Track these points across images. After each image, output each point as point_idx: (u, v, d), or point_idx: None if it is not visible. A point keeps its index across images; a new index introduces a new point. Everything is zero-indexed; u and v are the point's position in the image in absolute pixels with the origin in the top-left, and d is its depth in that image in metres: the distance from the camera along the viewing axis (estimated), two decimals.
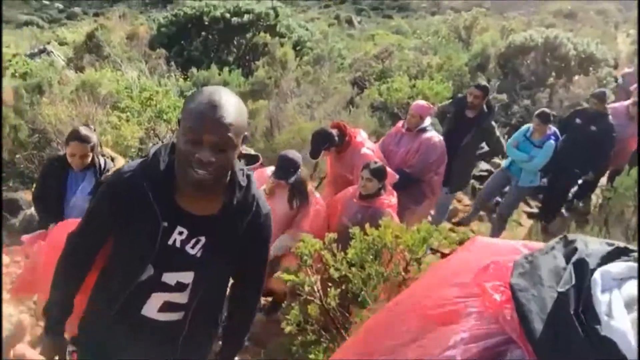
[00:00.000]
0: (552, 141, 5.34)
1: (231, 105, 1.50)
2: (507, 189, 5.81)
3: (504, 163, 5.81)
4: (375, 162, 3.71)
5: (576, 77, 10.16)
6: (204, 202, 1.64)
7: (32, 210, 4.67)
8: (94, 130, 3.40)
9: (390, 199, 3.70)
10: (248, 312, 1.98)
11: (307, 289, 2.86)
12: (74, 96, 6.40)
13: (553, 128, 5.48)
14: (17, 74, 7.82)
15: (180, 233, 1.65)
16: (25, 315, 3.73)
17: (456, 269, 1.24)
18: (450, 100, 6.14)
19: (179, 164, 1.56)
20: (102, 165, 3.26)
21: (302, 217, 3.64)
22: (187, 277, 1.71)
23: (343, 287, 2.88)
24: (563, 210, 6.56)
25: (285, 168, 3.58)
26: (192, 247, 1.67)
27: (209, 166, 1.50)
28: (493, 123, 5.33)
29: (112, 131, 5.94)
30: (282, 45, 8.47)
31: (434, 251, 4.95)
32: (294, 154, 3.72)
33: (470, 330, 1.04)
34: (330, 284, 2.87)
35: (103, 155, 3.36)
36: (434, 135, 4.66)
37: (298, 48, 11.57)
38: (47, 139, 6.02)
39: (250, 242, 1.75)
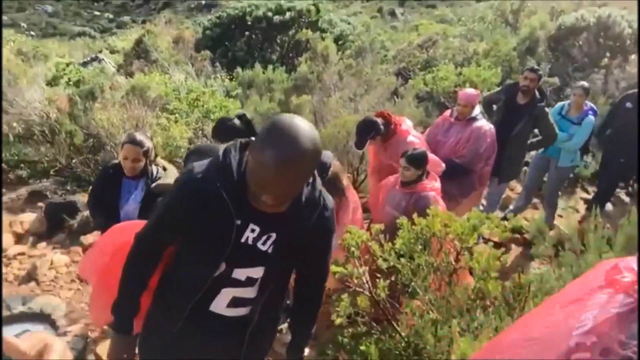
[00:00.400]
0: (591, 116, 5.12)
1: (300, 167, 1.48)
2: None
3: None
4: (414, 149, 3.65)
5: (632, 57, 9.65)
6: None
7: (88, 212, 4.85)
8: (150, 138, 3.44)
9: (432, 183, 3.64)
10: (316, 303, 2.04)
11: (355, 280, 2.84)
12: (125, 100, 6.60)
13: (589, 103, 5.26)
14: (71, 82, 8.14)
15: (253, 230, 1.69)
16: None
17: (582, 283, 1.30)
18: (499, 89, 5.92)
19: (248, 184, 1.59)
20: (154, 174, 3.29)
21: (342, 212, 3.58)
22: (257, 272, 1.76)
23: (392, 278, 2.84)
24: (624, 196, 6.26)
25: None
26: (263, 244, 1.72)
27: (274, 208, 1.62)
28: (546, 109, 5.11)
29: (162, 132, 6.09)
30: (323, 39, 8.44)
31: (486, 240, 4.85)
32: (323, 154, 3.62)
33: (602, 306, 1.11)
34: (379, 275, 2.84)
35: (156, 165, 3.38)
36: (484, 124, 4.53)
37: (340, 42, 11.54)
38: (100, 143, 6.23)
39: (317, 236, 1.80)
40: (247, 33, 12.44)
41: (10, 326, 3.67)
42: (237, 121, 3.19)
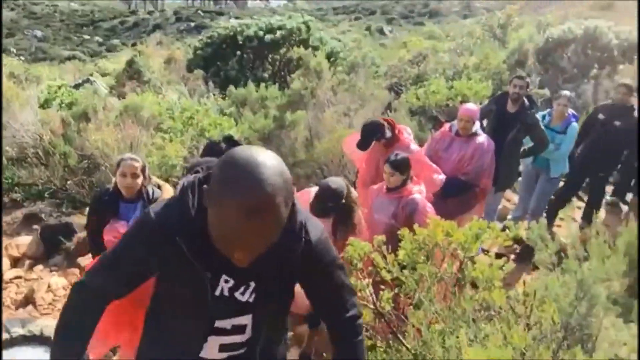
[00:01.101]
0: (574, 123, 5.23)
1: (274, 211, 1.20)
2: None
3: (527, 159, 5.60)
4: (397, 155, 3.65)
5: (621, 67, 9.81)
6: None
7: (85, 233, 4.79)
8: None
9: (416, 186, 3.67)
10: (356, 336, 1.71)
11: (359, 293, 2.81)
12: (119, 121, 6.58)
13: (570, 110, 5.34)
14: (63, 104, 8.12)
15: (227, 281, 1.48)
16: None
17: None
18: (489, 100, 5.98)
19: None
20: (150, 195, 3.23)
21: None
22: (243, 320, 1.56)
23: (396, 290, 2.82)
24: (622, 205, 6.28)
25: (324, 201, 3.20)
26: (242, 294, 1.51)
27: (249, 262, 1.34)
28: (537, 116, 5.17)
29: (157, 152, 6.08)
30: (315, 56, 8.53)
31: (486, 251, 4.84)
32: (336, 182, 3.32)
33: None
34: (383, 287, 2.82)
35: (151, 184, 3.32)
36: (485, 139, 4.56)
37: (332, 59, 11.63)
38: (95, 164, 6.20)
39: (313, 272, 1.57)
40: (238, 52, 12.53)
41: (10, 349, 3.61)
42: (223, 145, 3.14)
